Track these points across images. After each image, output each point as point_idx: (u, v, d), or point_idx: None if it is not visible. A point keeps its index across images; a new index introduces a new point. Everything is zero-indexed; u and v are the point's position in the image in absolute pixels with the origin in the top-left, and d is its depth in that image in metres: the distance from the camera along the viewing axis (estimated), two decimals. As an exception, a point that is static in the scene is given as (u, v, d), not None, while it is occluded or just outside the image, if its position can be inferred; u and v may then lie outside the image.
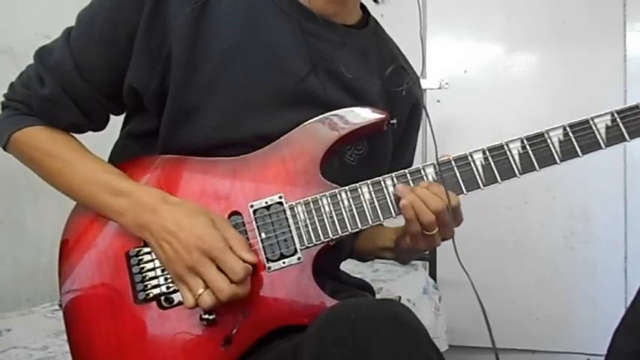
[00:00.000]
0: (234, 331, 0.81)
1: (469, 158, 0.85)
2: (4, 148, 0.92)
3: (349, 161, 0.92)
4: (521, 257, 2.56)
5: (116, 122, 0.99)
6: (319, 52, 0.90)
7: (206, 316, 0.80)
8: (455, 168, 0.85)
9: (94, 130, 0.96)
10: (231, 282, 0.77)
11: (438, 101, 2.46)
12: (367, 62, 0.96)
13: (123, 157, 0.93)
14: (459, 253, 0.93)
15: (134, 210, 0.82)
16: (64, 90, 0.88)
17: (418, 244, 0.88)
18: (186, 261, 0.78)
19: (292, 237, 0.84)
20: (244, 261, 0.78)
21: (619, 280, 2.50)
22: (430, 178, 0.85)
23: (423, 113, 0.99)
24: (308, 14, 0.89)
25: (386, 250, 1.02)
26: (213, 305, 0.77)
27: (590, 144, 0.84)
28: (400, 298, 1.87)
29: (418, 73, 1.05)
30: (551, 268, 2.58)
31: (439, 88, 2.61)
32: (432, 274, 2.43)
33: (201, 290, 0.77)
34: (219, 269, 0.78)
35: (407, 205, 0.83)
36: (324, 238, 0.84)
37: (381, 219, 0.85)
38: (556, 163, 0.85)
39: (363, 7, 1.00)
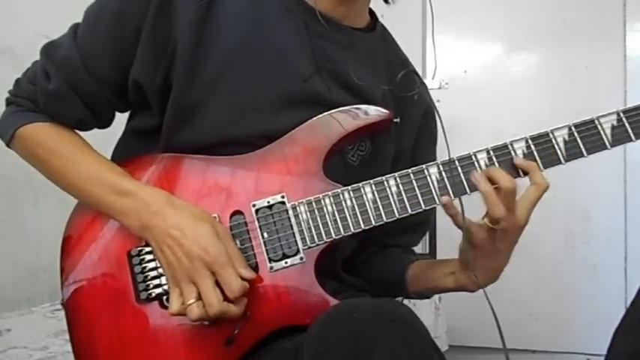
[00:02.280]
0: (236, 330, 0.81)
1: (473, 158, 0.85)
2: (8, 145, 0.92)
3: (351, 161, 0.92)
4: (521, 257, 2.54)
5: (118, 121, 0.99)
6: (324, 53, 0.89)
7: (208, 316, 0.80)
8: (459, 168, 0.85)
9: (100, 127, 0.96)
10: (224, 299, 0.77)
11: (438, 101, 2.44)
12: (374, 66, 0.96)
13: (125, 154, 0.93)
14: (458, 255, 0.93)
15: (137, 211, 0.82)
16: (71, 85, 0.88)
17: (498, 243, 0.83)
18: (187, 269, 0.78)
19: (295, 237, 0.83)
20: (242, 278, 0.78)
21: (619, 280, 2.50)
22: (434, 177, 0.85)
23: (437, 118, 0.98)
24: (314, 15, 0.88)
25: (448, 276, 0.92)
26: (200, 318, 0.77)
27: (595, 144, 0.84)
28: (402, 298, 1.87)
29: (420, 74, 1.04)
30: (551, 268, 2.58)
31: (439, 88, 2.61)
32: (432, 273, 2.43)
33: (192, 300, 0.77)
34: (216, 283, 0.77)
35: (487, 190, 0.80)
36: (327, 238, 0.84)
37: (384, 219, 0.84)
38: (561, 163, 0.84)
39: (371, 12, 0.99)
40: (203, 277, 0.77)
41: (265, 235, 0.84)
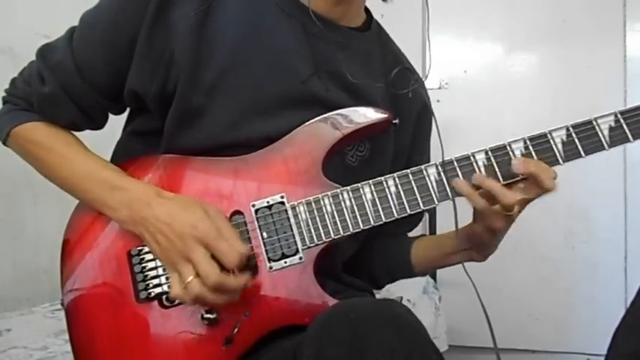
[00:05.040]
0: (236, 330, 0.81)
1: (472, 159, 0.85)
2: (4, 143, 0.94)
3: (350, 162, 0.92)
4: (522, 257, 2.56)
5: (117, 121, 0.99)
6: (322, 54, 0.90)
7: (207, 316, 0.80)
8: (457, 168, 0.85)
9: (93, 129, 0.97)
10: (222, 270, 0.77)
11: (438, 101, 2.45)
12: (370, 65, 0.96)
13: (127, 155, 0.93)
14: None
15: (129, 205, 0.82)
16: (64, 89, 0.89)
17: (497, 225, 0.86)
18: (179, 248, 0.78)
19: (294, 237, 0.84)
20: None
21: (619, 280, 2.50)
22: (432, 178, 0.85)
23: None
24: (311, 16, 0.89)
25: (453, 255, 0.97)
26: (200, 294, 0.76)
27: (593, 145, 0.84)
28: (402, 298, 1.87)
29: (420, 74, 1.04)
30: (551, 268, 2.58)
31: (439, 88, 2.61)
32: (432, 274, 2.43)
33: (190, 277, 0.76)
34: (213, 258, 0.77)
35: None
36: (326, 238, 0.84)
37: (383, 219, 0.84)
38: (559, 163, 0.84)
39: (367, 9, 1.00)
40: (196, 252, 0.77)
41: (265, 234, 0.84)
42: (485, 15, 2.64)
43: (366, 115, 0.89)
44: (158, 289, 0.83)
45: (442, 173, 0.85)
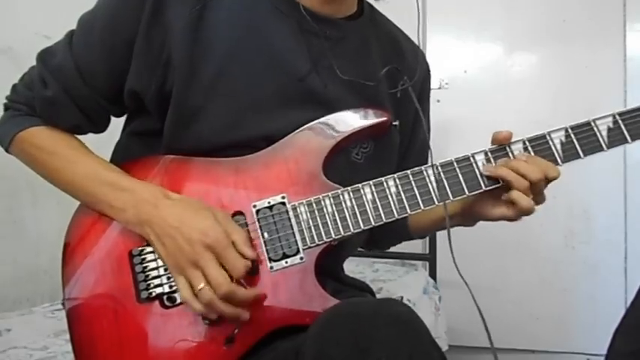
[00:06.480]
0: (236, 330, 0.81)
1: (471, 159, 0.86)
2: (7, 150, 0.93)
3: (356, 159, 0.92)
4: (521, 257, 2.56)
5: (117, 122, 0.99)
6: (319, 51, 0.90)
7: (208, 315, 0.80)
8: (457, 169, 0.85)
9: (96, 132, 0.97)
10: (231, 279, 0.77)
11: (438, 101, 2.45)
12: (369, 54, 0.96)
13: (126, 156, 0.93)
14: (458, 255, 0.93)
15: (135, 206, 0.82)
16: (67, 92, 0.89)
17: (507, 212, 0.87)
18: (189, 254, 0.78)
19: (295, 237, 0.84)
20: (244, 256, 0.79)
21: (619, 280, 2.51)
22: (432, 179, 0.85)
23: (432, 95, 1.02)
24: (306, 13, 0.89)
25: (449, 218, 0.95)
26: (211, 301, 0.77)
27: (592, 146, 0.85)
28: (402, 298, 1.87)
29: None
30: (551, 268, 2.58)
31: (439, 88, 2.61)
32: (432, 274, 2.43)
33: (202, 285, 0.77)
34: (220, 265, 0.78)
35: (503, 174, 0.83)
36: (327, 239, 0.84)
37: (384, 219, 0.85)
38: (558, 164, 0.85)
39: None
40: (207, 260, 0.77)
41: (266, 235, 0.84)
42: (486, 15, 2.64)
43: (365, 117, 0.89)
44: (159, 290, 0.83)
45: (442, 174, 0.85)
